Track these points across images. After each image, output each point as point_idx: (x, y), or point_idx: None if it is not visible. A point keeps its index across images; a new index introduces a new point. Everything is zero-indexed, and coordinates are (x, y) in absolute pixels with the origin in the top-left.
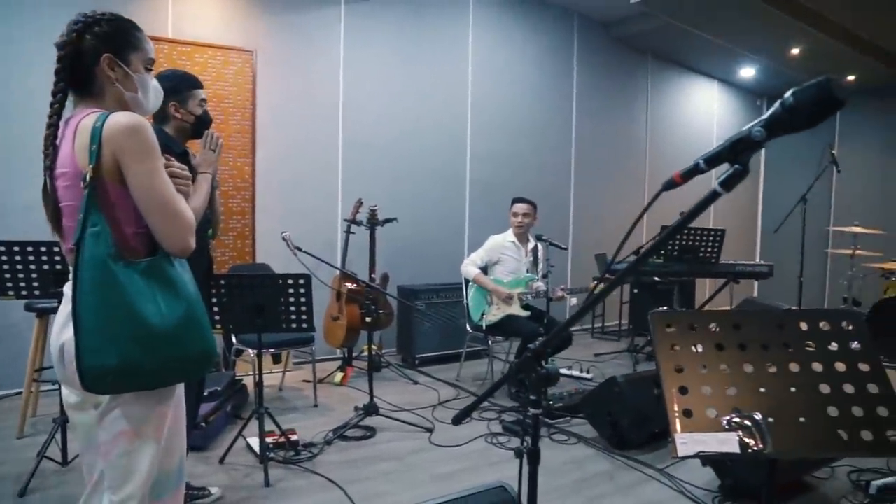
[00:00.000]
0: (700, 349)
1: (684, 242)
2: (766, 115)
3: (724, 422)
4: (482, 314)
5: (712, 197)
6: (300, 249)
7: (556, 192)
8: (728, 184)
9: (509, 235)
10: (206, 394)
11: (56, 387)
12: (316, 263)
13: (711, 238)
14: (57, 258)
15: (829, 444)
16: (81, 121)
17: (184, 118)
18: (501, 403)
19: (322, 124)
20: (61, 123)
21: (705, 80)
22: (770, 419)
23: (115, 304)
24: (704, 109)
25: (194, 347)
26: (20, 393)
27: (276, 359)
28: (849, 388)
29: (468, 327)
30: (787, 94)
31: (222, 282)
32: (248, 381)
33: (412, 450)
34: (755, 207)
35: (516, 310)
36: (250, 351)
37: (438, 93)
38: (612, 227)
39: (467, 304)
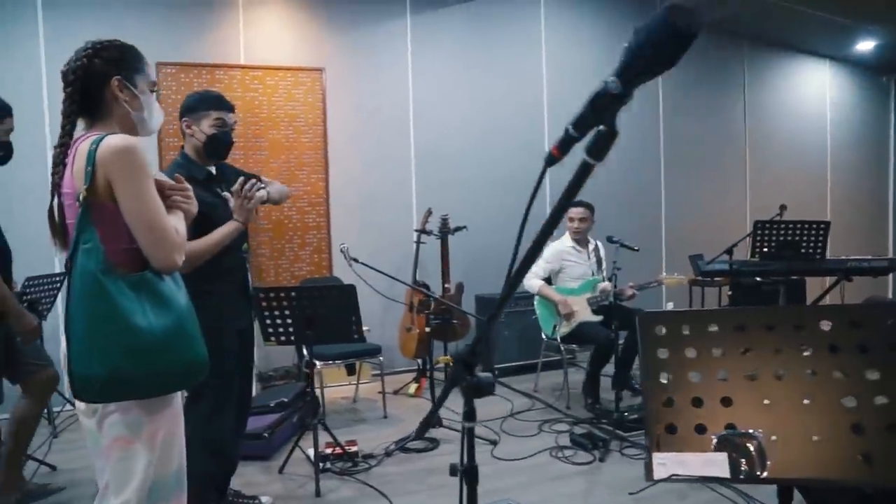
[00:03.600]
0: (693, 354)
1: (783, 237)
2: (618, 63)
3: (714, 440)
4: (554, 326)
5: (585, 169)
6: (356, 260)
7: (644, 193)
8: (595, 150)
9: (567, 240)
10: (272, 405)
11: None
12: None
13: (814, 231)
14: None
15: (849, 469)
16: (81, 144)
17: (195, 136)
18: (576, 415)
19: (393, 137)
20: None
21: (813, 61)
22: (773, 437)
23: (104, 315)
24: (814, 93)
25: (182, 358)
26: None
27: (351, 370)
28: (881, 400)
29: (543, 336)
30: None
31: (271, 294)
32: (327, 392)
33: None
34: (885, 194)
35: (588, 316)
36: (317, 363)
37: (512, 97)
38: (709, 226)
39: (536, 317)
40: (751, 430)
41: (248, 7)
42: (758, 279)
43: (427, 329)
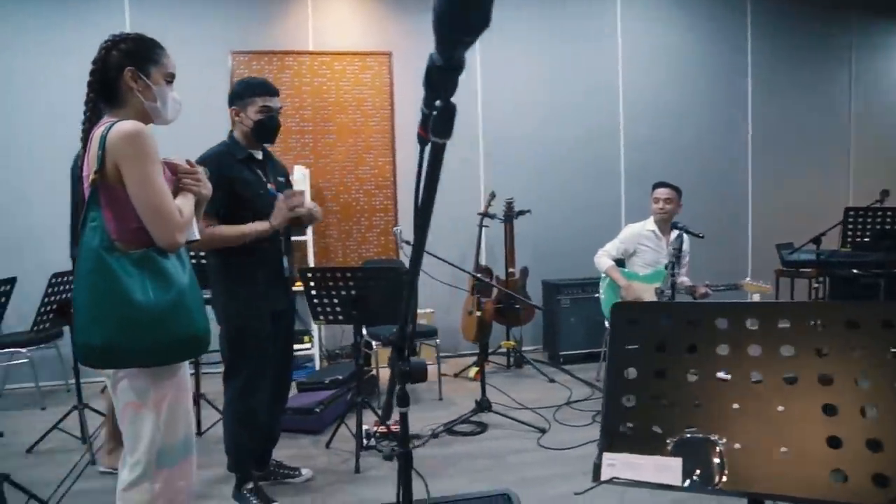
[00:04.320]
0: (664, 351)
1: (878, 226)
2: None
3: (670, 443)
4: None
5: (434, 149)
6: (408, 243)
7: (729, 178)
8: (437, 128)
9: (649, 224)
10: (326, 381)
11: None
12: (461, 258)
13: None
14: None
15: (818, 487)
16: (96, 130)
17: (243, 122)
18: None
19: (460, 120)
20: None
21: None
22: (737, 445)
23: (105, 289)
24: None
25: (181, 332)
26: None
27: (412, 351)
28: (872, 413)
29: (607, 324)
30: None
31: (317, 274)
32: (385, 373)
33: (516, 450)
34: None
35: None
36: (374, 343)
37: (584, 78)
38: (803, 214)
39: (600, 299)
40: (713, 436)
41: None
42: (854, 271)
43: (476, 313)
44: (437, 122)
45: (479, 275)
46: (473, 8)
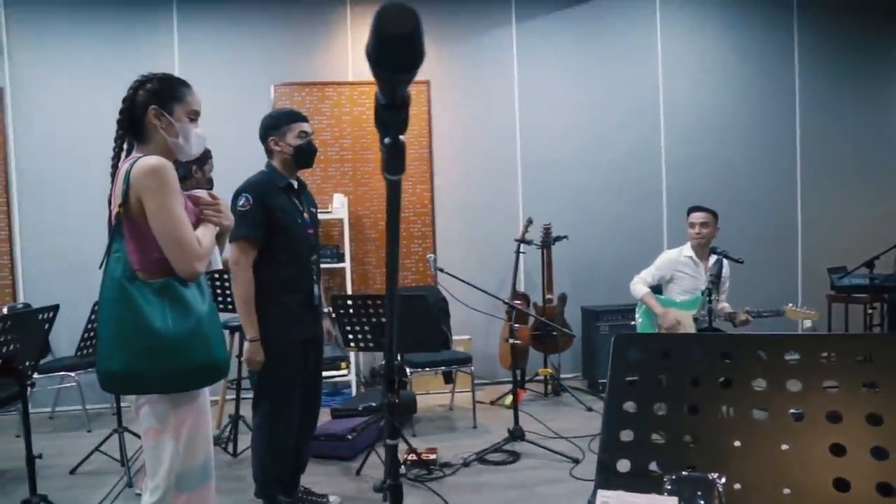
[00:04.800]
0: (665, 383)
1: None
2: None
3: (667, 482)
4: None
5: (390, 186)
6: (442, 270)
7: (776, 199)
8: (388, 165)
9: (686, 250)
10: (360, 408)
11: (233, 393)
12: (498, 284)
13: None
14: (221, 282)
15: None
16: (123, 165)
17: (283, 150)
18: None
19: (499, 146)
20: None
21: None
22: (737, 485)
23: (126, 317)
24: None
25: (199, 359)
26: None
27: (448, 378)
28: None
29: None
30: None
31: (349, 302)
32: (422, 400)
33: (547, 480)
34: None
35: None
36: (408, 369)
37: (624, 101)
38: (856, 237)
39: (637, 325)
40: (711, 475)
41: (356, 26)
42: None
43: (511, 340)
44: (388, 160)
45: (512, 302)
46: (401, 47)
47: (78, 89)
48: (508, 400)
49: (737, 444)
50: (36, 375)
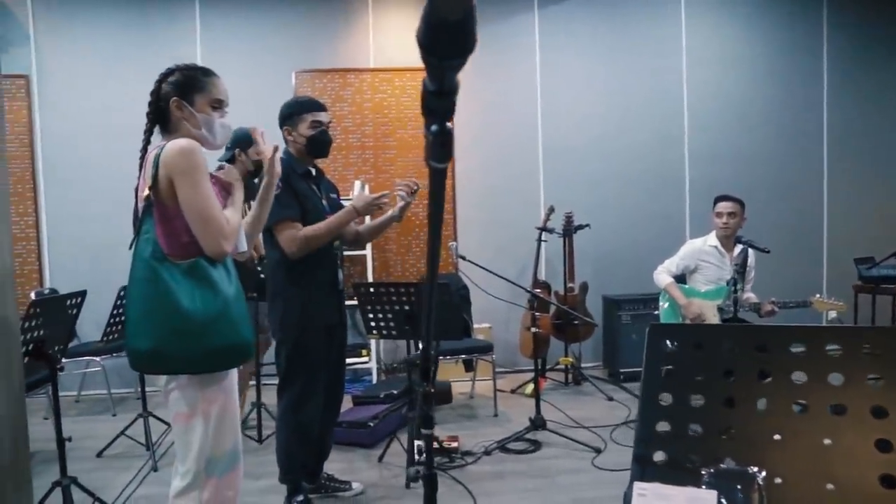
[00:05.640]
0: (701, 376)
1: None
2: None
3: (705, 475)
4: None
5: (435, 174)
6: (463, 258)
7: (802, 189)
8: (434, 153)
9: (711, 239)
10: (381, 395)
11: (254, 380)
12: (519, 272)
13: None
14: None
15: None
16: (151, 152)
17: (296, 140)
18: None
19: (521, 132)
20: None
21: None
22: (778, 479)
23: (155, 296)
24: None
25: (226, 340)
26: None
27: (468, 366)
28: None
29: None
30: None
31: (371, 290)
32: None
33: (569, 469)
34: None
35: (714, 323)
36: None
37: (647, 89)
38: (883, 227)
39: (660, 314)
40: (751, 469)
41: (378, 13)
42: None
43: (532, 329)
44: (434, 147)
45: (534, 290)
46: (453, 33)
47: (103, 77)
48: (529, 388)
49: (776, 437)
50: (63, 360)
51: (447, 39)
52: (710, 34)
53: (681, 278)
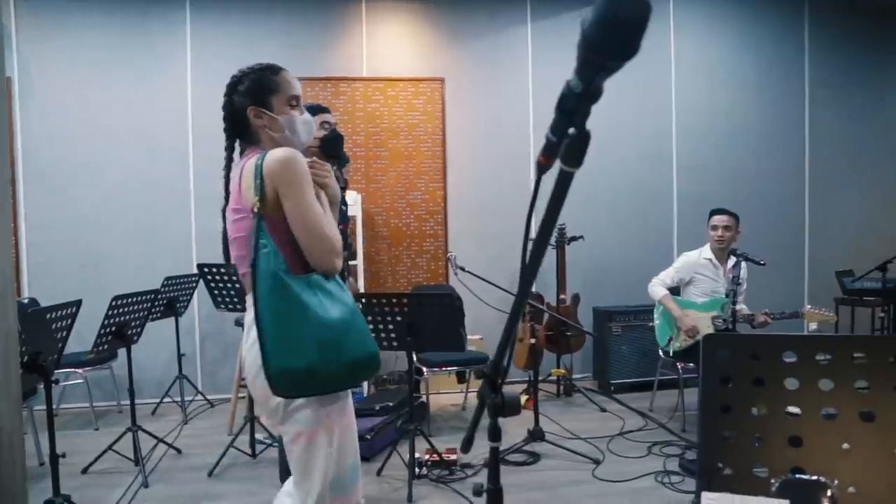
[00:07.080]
0: (761, 385)
1: None
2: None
3: (774, 484)
4: (669, 339)
5: (564, 178)
6: (462, 269)
7: (785, 202)
8: (569, 156)
9: (706, 252)
10: (377, 408)
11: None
12: (510, 284)
13: None
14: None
15: None
16: (246, 164)
17: (311, 144)
18: (690, 439)
19: (513, 145)
20: (234, 167)
21: None
22: (851, 488)
23: (291, 310)
24: None
25: (359, 353)
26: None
27: (461, 377)
28: None
29: (661, 353)
30: None
31: (373, 300)
32: (434, 399)
33: (570, 481)
34: None
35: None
36: (424, 369)
37: (637, 102)
38: (863, 241)
39: (654, 327)
40: (822, 478)
41: (371, 22)
42: None
43: (530, 340)
44: (570, 150)
45: (534, 303)
46: (626, 33)
47: (87, 79)
48: (523, 400)
49: (845, 446)
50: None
51: (619, 39)
52: (698, 50)
53: (675, 290)
